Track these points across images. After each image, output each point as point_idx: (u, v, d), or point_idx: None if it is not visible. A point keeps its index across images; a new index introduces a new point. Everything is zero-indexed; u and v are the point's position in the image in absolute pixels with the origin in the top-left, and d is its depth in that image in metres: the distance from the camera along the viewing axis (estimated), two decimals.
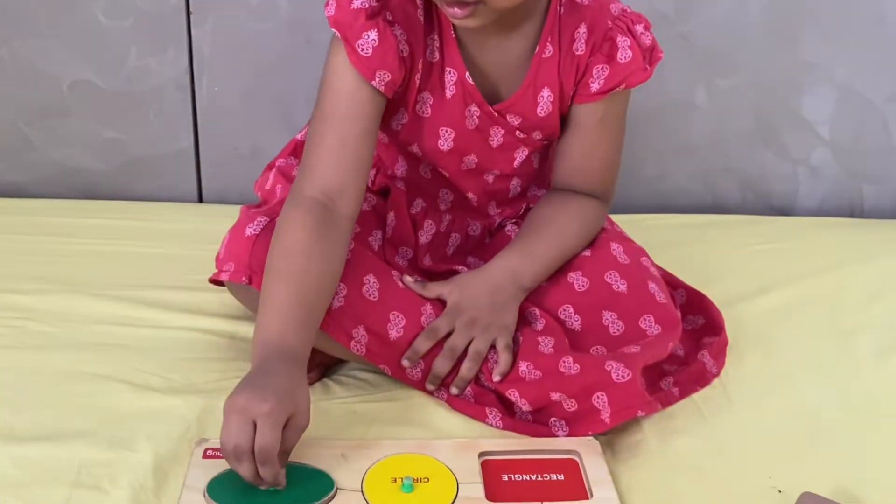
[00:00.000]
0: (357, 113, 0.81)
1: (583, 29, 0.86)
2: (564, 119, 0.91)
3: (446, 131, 0.88)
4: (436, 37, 0.84)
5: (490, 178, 0.94)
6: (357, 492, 0.72)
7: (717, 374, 0.89)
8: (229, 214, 0.88)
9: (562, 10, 0.86)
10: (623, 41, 0.86)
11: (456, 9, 0.76)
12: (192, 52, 1.17)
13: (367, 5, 0.79)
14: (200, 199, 1.26)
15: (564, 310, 0.88)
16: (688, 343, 0.93)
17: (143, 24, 1.15)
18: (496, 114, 0.88)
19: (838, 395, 0.88)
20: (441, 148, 0.88)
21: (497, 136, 0.90)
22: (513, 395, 0.81)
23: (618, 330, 0.86)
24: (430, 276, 0.93)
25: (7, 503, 0.69)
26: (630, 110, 1.16)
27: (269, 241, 0.80)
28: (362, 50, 0.79)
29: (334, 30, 0.81)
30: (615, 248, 0.92)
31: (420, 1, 0.83)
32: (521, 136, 0.90)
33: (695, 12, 1.17)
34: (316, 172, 0.81)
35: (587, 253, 0.92)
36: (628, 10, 0.89)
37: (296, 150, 0.99)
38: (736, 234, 1.19)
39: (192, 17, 1.15)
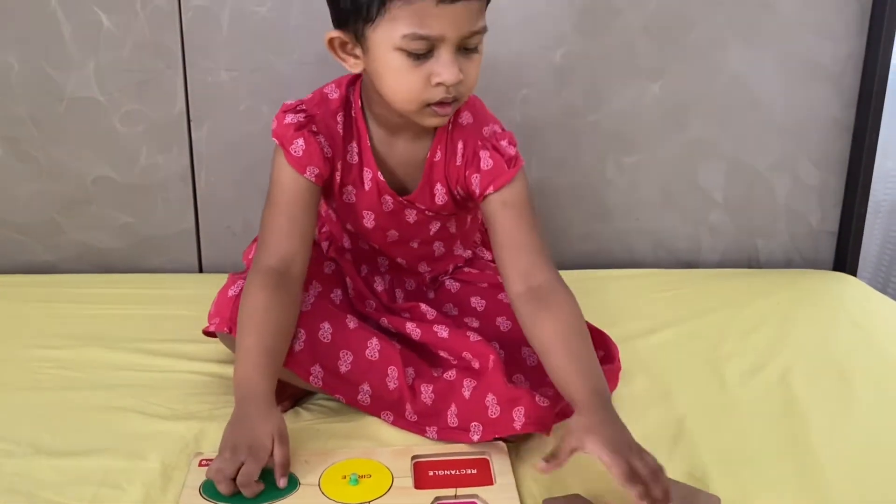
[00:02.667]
0: (298, 199, 1.02)
1: (460, 145, 1.05)
2: (457, 202, 1.09)
3: (368, 213, 1.10)
4: (354, 145, 1.06)
5: (415, 245, 1.15)
6: (315, 486, 0.92)
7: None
8: (224, 281, 1.10)
9: (450, 127, 1.05)
10: (484, 154, 1.04)
11: (447, 107, 0.96)
12: (192, 151, 1.41)
13: (296, 121, 1.03)
14: (201, 270, 1.48)
15: (492, 344, 1.09)
16: None
17: (152, 130, 1.40)
18: (405, 202, 1.09)
19: (704, 406, 1.09)
20: (367, 226, 1.11)
21: (411, 216, 1.10)
22: (452, 412, 1.01)
23: (533, 362, 1.07)
24: (396, 311, 1.13)
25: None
26: (555, 185, 1.42)
27: None
28: (294, 152, 1.02)
29: (275, 139, 1.03)
30: None
31: (340, 118, 1.05)
32: (430, 214, 1.11)
33: (600, 104, 1.42)
34: (271, 247, 1.02)
35: (508, 301, 1.12)
36: (497, 131, 1.06)
37: None
38: (645, 284, 1.42)
39: (192, 123, 1.40)
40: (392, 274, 1.18)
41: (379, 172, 1.07)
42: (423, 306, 1.13)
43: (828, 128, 1.45)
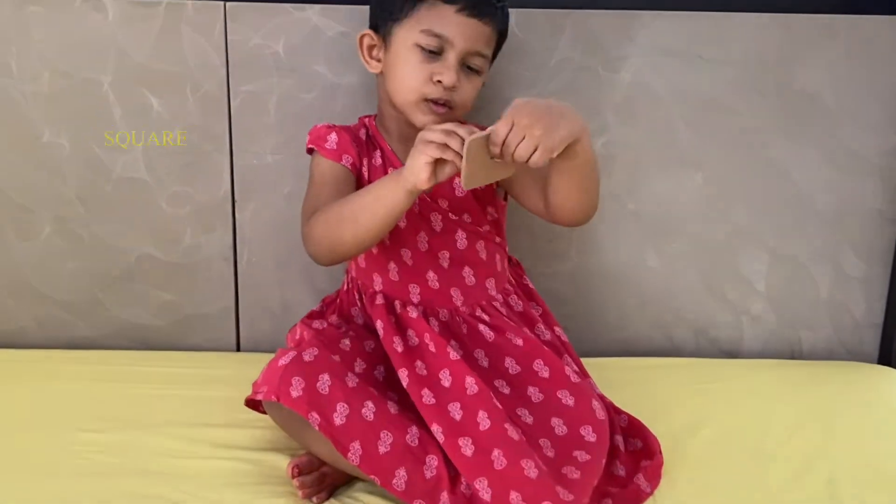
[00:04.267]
0: (338, 181, 1.17)
1: None
2: (477, 197, 1.19)
3: None
4: (378, 152, 1.21)
5: (444, 264, 1.18)
6: None
7: (650, 494, 1.08)
8: (262, 361, 1.09)
9: None
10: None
11: (441, 108, 1.13)
12: (235, 232, 1.43)
13: (326, 125, 1.21)
14: (238, 349, 1.49)
15: (520, 411, 1.09)
16: (628, 464, 1.12)
17: (197, 211, 1.42)
18: (429, 199, 1.17)
19: None
20: (399, 224, 1.17)
21: (437, 221, 1.18)
22: (481, 483, 1.00)
23: (562, 432, 1.07)
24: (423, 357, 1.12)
25: None
26: (595, 270, 1.41)
27: (295, 370, 1.03)
28: (329, 146, 1.19)
29: (311, 146, 1.19)
30: (569, 371, 1.14)
31: (362, 133, 1.22)
32: (454, 217, 1.17)
33: (641, 192, 1.42)
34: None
35: (545, 374, 1.13)
36: None
37: (311, 314, 1.26)
38: (687, 375, 1.39)
39: (236, 204, 1.42)
40: (425, 304, 1.19)
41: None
42: (452, 352, 1.11)
43: (872, 219, 1.43)
